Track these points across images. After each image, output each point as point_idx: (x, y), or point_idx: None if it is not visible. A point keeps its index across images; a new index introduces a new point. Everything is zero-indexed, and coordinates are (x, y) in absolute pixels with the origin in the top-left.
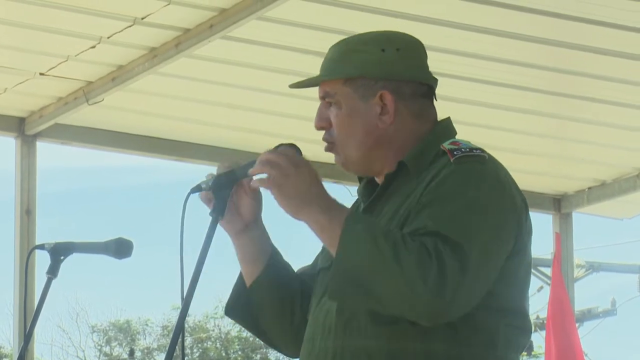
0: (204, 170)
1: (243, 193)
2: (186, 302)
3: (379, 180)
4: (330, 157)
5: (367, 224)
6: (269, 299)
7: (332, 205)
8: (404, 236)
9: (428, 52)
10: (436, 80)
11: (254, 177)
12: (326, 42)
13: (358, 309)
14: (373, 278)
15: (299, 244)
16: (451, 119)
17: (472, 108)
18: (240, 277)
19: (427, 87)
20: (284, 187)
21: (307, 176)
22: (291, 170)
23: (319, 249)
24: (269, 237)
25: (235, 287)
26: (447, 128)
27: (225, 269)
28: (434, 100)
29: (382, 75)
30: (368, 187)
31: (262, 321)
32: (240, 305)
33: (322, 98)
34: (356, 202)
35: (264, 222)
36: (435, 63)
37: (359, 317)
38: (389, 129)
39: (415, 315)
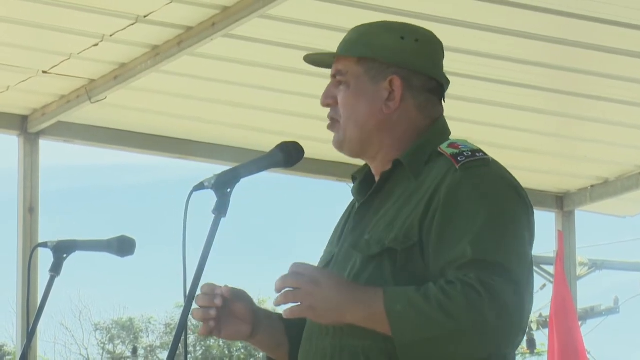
0: (207, 168)
1: (231, 307)
2: (189, 299)
3: (375, 172)
4: (333, 156)
5: (405, 298)
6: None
7: (363, 295)
8: (442, 288)
9: None
10: (448, 81)
11: (283, 310)
12: (329, 40)
13: None
14: (438, 346)
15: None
16: (457, 117)
17: (476, 106)
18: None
19: (436, 83)
20: (316, 308)
21: (328, 284)
22: (313, 287)
23: (321, 251)
24: (270, 314)
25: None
26: (443, 127)
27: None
28: (443, 100)
29: (396, 61)
30: (362, 186)
31: None
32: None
33: (333, 76)
34: (352, 202)
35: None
36: None
37: None
38: (392, 115)
39: (493, 349)
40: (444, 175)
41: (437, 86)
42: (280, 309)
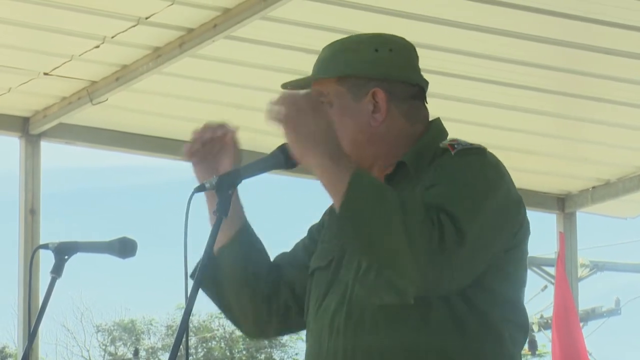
0: None
1: (224, 153)
2: (190, 301)
3: None
4: None
5: (375, 178)
6: (232, 266)
7: (342, 154)
8: (411, 199)
9: (435, 52)
10: (427, 82)
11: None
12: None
13: (355, 255)
14: (376, 226)
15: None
16: (459, 118)
17: (477, 108)
18: (210, 243)
19: (418, 88)
20: (297, 125)
21: (323, 120)
22: (309, 110)
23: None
24: (243, 208)
25: (204, 253)
26: (441, 128)
27: None
28: (425, 101)
29: (375, 74)
30: None
31: (225, 291)
32: (207, 272)
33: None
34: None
35: (264, 224)
36: (442, 63)
37: (370, 315)
38: (380, 128)
39: (407, 276)
40: (442, 163)
41: (419, 90)
42: None
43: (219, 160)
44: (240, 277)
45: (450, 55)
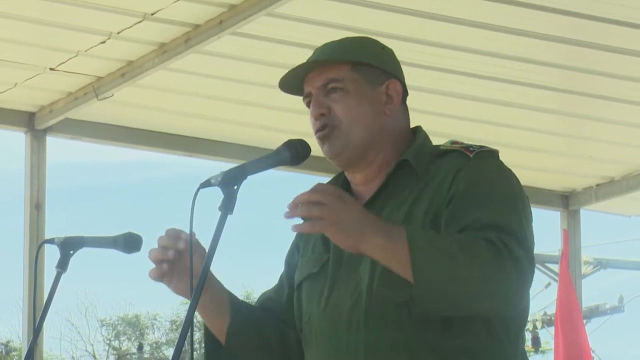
0: (213, 166)
1: (186, 263)
2: (195, 297)
3: (359, 181)
4: None
5: (428, 235)
6: (245, 344)
7: (386, 225)
8: (466, 237)
9: (442, 50)
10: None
11: (295, 222)
12: (336, 38)
13: (443, 315)
14: (456, 286)
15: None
16: (463, 115)
17: (482, 105)
18: (209, 334)
19: (406, 94)
20: (340, 223)
21: (354, 205)
22: (340, 205)
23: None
24: (221, 284)
25: (209, 346)
26: (426, 134)
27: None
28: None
29: (386, 68)
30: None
31: None
32: None
33: (323, 86)
34: None
35: (270, 220)
36: (447, 60)
37: (393, 310)
38: (390, 120)
39: (505, 307)
40: (460, 165)
41: (406, 95)
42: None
43: (186, 265)
44: (254, 349)
45: (456, 52)
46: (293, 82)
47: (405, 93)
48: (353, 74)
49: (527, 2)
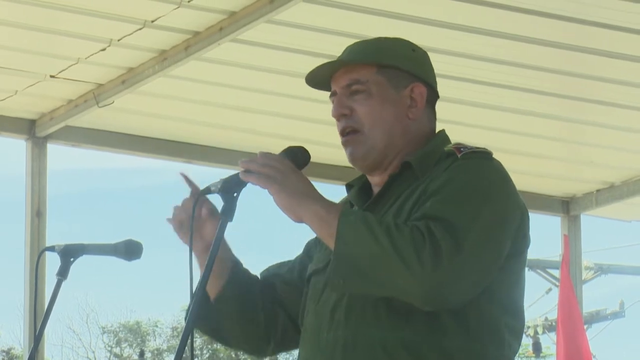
0: (213, 173)
1: (204, 220)
2: (195, 302)
3: (378, 182)
4: (339, 160)
5: (361, 215)
6: (232, 311)
7: (327, 201)
8: (396, 223)
9: (443, 56)
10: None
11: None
12: (335, 45)
13: (358, 293)
14: (371, 263)
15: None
16: (464, 121)
17: (482, 111)
18: (201, 287)
19: (436, 96)
20: (284, 185)
21: (302, 177)
22: (289, 171)
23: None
24: (230, 250)
25: (197, 298)
26: (446, 137)
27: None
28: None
29: (414, 71)
30: (362, 193)
31: (225, 330)
32: (202, 316)
33: (347, 86)
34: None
35: (268, 226)
36: (448, 66)
37: (372, 308)
38: (413, 123)
39: (414, 295)
40: (448, 164)
41: (435, 98)
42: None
43: (202, 225)
44: (241, 317)
45: (456, 58)
46: (320, 78)
47: (433, 96)
48: (378, 77)
49: (531, 9)
